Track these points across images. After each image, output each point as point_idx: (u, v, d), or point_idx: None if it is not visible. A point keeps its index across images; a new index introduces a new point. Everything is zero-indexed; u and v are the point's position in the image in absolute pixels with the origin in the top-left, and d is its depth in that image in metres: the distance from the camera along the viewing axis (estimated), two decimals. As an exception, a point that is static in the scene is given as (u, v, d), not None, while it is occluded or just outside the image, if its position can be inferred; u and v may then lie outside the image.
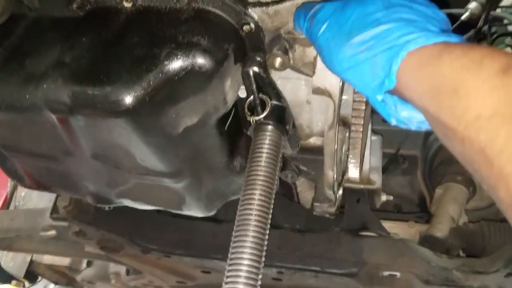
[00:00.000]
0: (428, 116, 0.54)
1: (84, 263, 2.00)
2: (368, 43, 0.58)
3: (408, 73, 0.54)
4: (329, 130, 0.79)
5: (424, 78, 0.52)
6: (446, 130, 0.50)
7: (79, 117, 0.72)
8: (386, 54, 0.56)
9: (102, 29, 0.75)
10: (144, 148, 0.75)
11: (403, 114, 0.59)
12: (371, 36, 0.58)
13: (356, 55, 0.58)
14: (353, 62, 0.59)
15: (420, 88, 0.53)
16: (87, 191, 0.97)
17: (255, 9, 0.73)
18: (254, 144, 0.79)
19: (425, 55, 0.53)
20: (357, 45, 0.58)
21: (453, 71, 0.49)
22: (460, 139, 0.48)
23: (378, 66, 0.57)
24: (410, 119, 0.59)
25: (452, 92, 0.48)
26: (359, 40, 0.58)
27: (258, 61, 0.76)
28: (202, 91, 0.73)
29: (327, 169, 0.85)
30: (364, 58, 0.58)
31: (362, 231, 1.30)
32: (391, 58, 0.55)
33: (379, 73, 0.57)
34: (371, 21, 0.58)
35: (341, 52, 0.60)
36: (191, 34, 0.70)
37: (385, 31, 0.57)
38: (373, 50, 0.57)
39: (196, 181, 0.88)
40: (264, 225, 0.72)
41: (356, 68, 0.59)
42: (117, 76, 0.68)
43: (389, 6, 0.59)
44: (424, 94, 0.52)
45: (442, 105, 0.50)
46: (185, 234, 1.34)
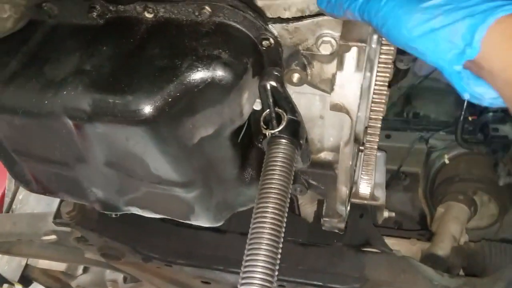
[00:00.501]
0: (509, 90, 0.50)
1: (80, 269, 1.98)
2: (444, 7, 0.53)
3: (493, 43, 0.50)
4: (345, 146, 0.79)
5: (509, 49, 0.49)
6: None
7: (98, 124, 0.72)
8: (469, 20, 0.51)
9: (122, 38, 0.76)
10: (159, 157, 0.76)
11: (476, 89, 0.55)
12: (447, 0, 0.53)
13: (431, 20, 0.53)
14: (427, 28, 0.54)
15: (504, 59, 0.49)
16: (96, 198, 0.97)
17: (275, 25, 0.74)
18: (268, 157, 0.79)
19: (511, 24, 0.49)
20: (431, 9, 0.53)
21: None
22: None
23: (458, 34, 0.52)
24: (483, 95, 0.55)
25: None
26: (434, 3, 0.53)
27: (275, 75, 0.77)
28: (220, 103, 0.73)
29: (340, 184, 0.86)
30: (440, 24, 0.53)
31: (365, 247, 1.30)
32: (474, 25, 0.50)
33: (458, 42, 0.52)
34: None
35: (412, 18, 0.55)
36: (212, 47, 0.71)
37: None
38: (452, 15, 0.52)
39: (207, 191, 0.88)
40: (278, 239, 0.73)
41: (430, 35, 0.54)
42: (138, 85, 0.69)
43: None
44: (508, 65, 0.49)
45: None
46: (187, 244, 1.34)
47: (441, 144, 1.66)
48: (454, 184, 1.56)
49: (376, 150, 0.74)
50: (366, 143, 0.73)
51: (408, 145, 1.70)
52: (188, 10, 0.74)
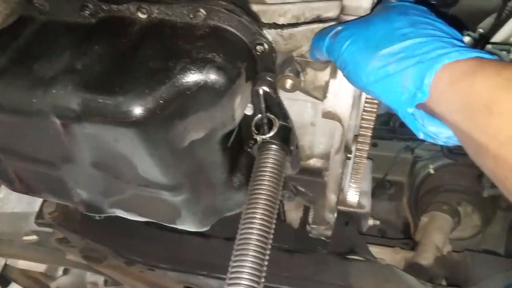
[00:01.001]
0: (458, 132, 0.53)
1: (60, 270, 1.95)
2: (398, 55, 0.57)
3: (440, 88, 0.53)
4: (336, 154, 0.79)
5: (456, 94, 0.51)
6: (478, 147, 0.50)
7: (86, 124, 0.70)
8: (418, 66, 0.55)
9: (115, 38, 0.75)
10: (148, 160, 0.75)
11: (430, 128, 0.58)
12: (401, 49, 0.57)
13: (385, 66, 0.57)
14: (382, 74, 0.58)
15: (451, 104, 0.52)
16: (80, 199, 0.95)
17: (270, 31, 0.74)
18: (258, 163, 0.79)
19: (458, 70, 0.52)
20: (386, 57, 0.57)
21: (487, 89, 0.49)
22: (493, 157, 0.48)
23: (409, 79, 0.55)
24: (438, 134, 0.58)
25: (485, 110, 0.48)
26: (388, 52, 0.57)
27: (268, 81, 0.76)
28: (213, 107, 0.73)
29: (329, 192, 0.86)
30: (393, 70, 0.57)
31: (350, 255, 1.31)
32: (423, 71, 0.54)
33: (409, 86, 0.56)
34: (399, 36, 0.58)
35: (368, 64, 0.59)
36: (206, 50, 0.71)
37: (416, 44, 0.56)
38: (404, 62, 0.56)
39: (195, 195, 0.87)
40: (265, 245, 0.72)
41: (384, 80, 0.58)
42: (129, 86, 0.68)
43: (414, 23, 0.59)
44: (456, 110, 0.52)
45: (475, 122, 0.50)
46: (171, 248, 1.32)
47: (427, 154, 1.68)
48: (439, 194, 1.57)
49: (365, 159, 0.74)
50: (356, 152, 0.73)
51: (394, 154, 1.71)
52: (182, 12, 0.74)
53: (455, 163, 1.60)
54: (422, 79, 0.54)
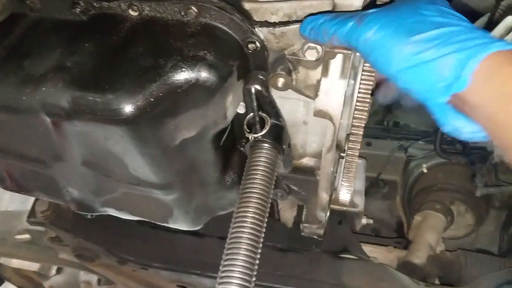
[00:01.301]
0: (493, 124, 0.52)
1: (53, 269, 1.94)
2: (435, 41, 0.54)
3: (479, 78, 0.52)
4: (327, 153, 0.79)
5: (495, 85, 0.50)
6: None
7: (76, 122, 0.70)
8: (461, 54, 0.53)
9: (106, 36, 0.74)
10: (139, 158, 0.74)
11: (457, 123, 0.57)
12: (437, 35, 0.54)
13: (420, 53, 0.54)
14: (416, 61, 0.55)
15: (490, 94, 0.51)
16: (71, 198, 0.95)
17: (262, 29, 0.74)
18: (250, 161, 0.79)
19: (498, 60, 0.51)
20: (421, 43, 0.55)
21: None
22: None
23: (447, 66, 0.53)
24: (462, 129, 0.57)
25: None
26: (424, 38, 0.55)
27: (260, 79, 0.76)
28: (204, 105, 0.72)
29: (321, 190, 0.85)
30: (430, 57, 0.54)
31: (343, 253, 1.31)
32: (465, 59, 0.52)
33: (447, 74, 0.53)
34: (432, 23, 0.56)
35: (401, 49, 0.56)
36: (197, 48, 0.70)
37: (452, 32, 0.54)
38: (442, 49, 0.53)
39: (187, 194, 0.87)
40: (256, 244, 0.72)
41: (418, 67, 0.55)
42: (120, 84, 0.67)
43: (444, 14, 0.57)
44: (493, 101, 0.51)
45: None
46: (164, 247, 1.32)
47: (420, 153, 1.68)
48: (432, 193, 1.57)
49: (357, 158, 0.74)
50: (348, 150, 0.73)
51: (388, 153, 1.71)
52: (174, 9, 0.73)
53: (448, 162, 1.60)
54: (462, 68, 0.52)
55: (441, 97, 0.55)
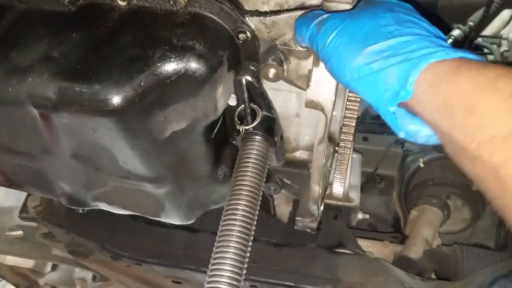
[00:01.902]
0: (438, 132, 0.54)
1: (48, 266, 1.93)
2: (383, 53, 0.56)
3: (422, 87, 0.53)
4: (319, 144, 0.78)
5: (438, 94, 0.52)
6: (457, 147, 0.50)
7: (63, 114, 0.69)
8: (404, 65, 0.55)
9: (93, 26, 0.73)
10: (128, 151, 0.73)
11: (411, 127, 0.58)
12: (387, 47, 0.56)
13: (370, 64, 0.57)
14: (366, 71, 0.57)
15: (433, 103, 0.52)
16: (62, 192, 0.94)
17: (253, 18, 0.72)
18: (241, 154, 0.78)
19: (441, 70, 0.52)
20: (371, 54, 0.57)
21: (468, 89, 0.49)
22: (472, 158, 0.48)
23: (393, 77, 0.55)
24: (418, 133, 0.58)
25: (466, 110, 0.48)
26: (374, 50, 0.57)
27: (251, 70, 0.75)
28: (193, 97, 0.71)
29: (313, 183, 0.84)
30: (378, 68, 0.56)
31: (338, 248, 1.30)
32: (408, 69, 0.54)
33: (393, 84, 0.55)
34: (385, 33, 0.58)
35: (353, 61, 0.58)
36: (186, 38, 0.69)
37: (401, 42, 0.56)
38: (389, 60, 0.56)
39: (178, 188, 0.86)
40: (247, 237, 0.71)
41: (368, 77, 0.57)
42: (107, 74, 0.66)
43: (400, 21, 0.59)
44: (436, 110, 0.52)
45: (454, 122, 0.50)
46: (158, 242, 1.31)
47: (417, 148, 1.67)
48: (428, 188, 1.56)
49: (350, 150, 0.73)
50: (341, 142, 0.72)
51: (384, 148, 1.70)
52: (162, -1, 0.72)
53: (445, 157, 1.59)
54: (406, 78, 0.54)
55: (390, 105, 0.57)
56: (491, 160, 0.46)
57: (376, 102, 0.58)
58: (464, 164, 0.51)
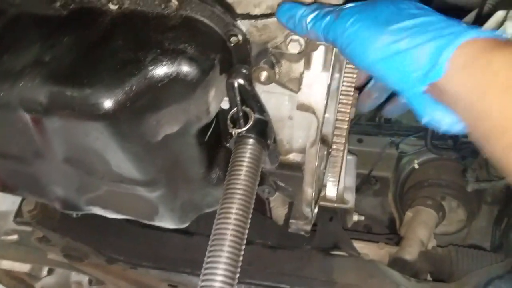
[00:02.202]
0: (471, 114, 0.50)
1: (44, 270, 1.92)
2: (410, 31, 0.53)
3: (456, 65, 0.50)
4: (311, 147, 0.78)
5: (473, 72, 0.49)
6: (492, 131, 0.47)
7: (55, 118, 0.69)
8: (437, 42, 0.51)
9: (85, 30, 0.73)
10: (120, 155, 0.73)
11: (436, 114, 0.55)
12: (414, 24, 0.53)
13: (397, 42, 0.54)
14: (392, 50, 0.54)
15: (467, 82, 0.49)
16: (55, 196, 0.93)
17: (244, 22, 0.72)
18: (234, 157, 0.78)
19: (476, 48, 0.50)
20: (398, 32, 0.54)
21: (506, 69, 0.46)
22: (508, 143, 0.45)
23: (424, 55, 0.52)
24: (442, 120, 0.56)
25: (504, 90, 0.45)
26: (401, 27, 0.54)
27: (243, 73, 0.75)
28: (186, 100, 0.71)
29: (306, 186, 0.84)
30: (406, 46, 0.53)
31: (334, 250, 1.30)
32: (441, 47, 0.51)
33: (424, 62, 0.52)
34: (409, 14, 0.55)
35: (377, 40, 0.55)
36: (178, 41, 0.69)
37: (429, 21, 0.53)
38: (418, 38, 0.52)
39: (172, 191, 0.86)
40: (240, 240, 0.71)
41: (394, 57, 0.54)
42: (98, 78, 0.66)
43: (420, 7, 0.57)
44: (471, 89, 0.49)
45: (491, 103, 0.47)
46: (153, 246, 1.31)
47: (412, 149, 1.67)
48: (423, 189, 1.57)
49: (343, 152, 0.73)
50: (333, 145, 0.72)
51: (379, 150, 1.71)
52: (154, 2, 0.72)
53: (440, 158, 1.60)
54: (438, 55, 0.51)
55: (418, 86, 0.54)
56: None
57: (402, 83, 0.55)
58: (495, 152, 0.47)
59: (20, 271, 1.87)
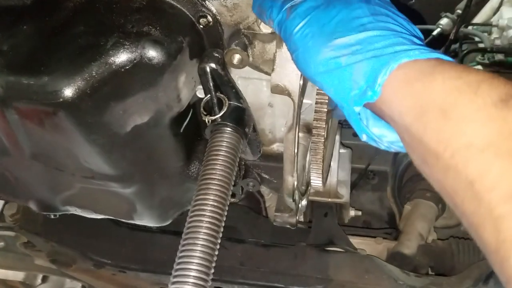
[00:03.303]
0: (407, 135, 0.49)
1: (39, 278, 1.89)
2: (352, 47, 0.52)
3: (392, 86, 0.48)
4: (289, 132, 0.74)
5: (410, 94, 0.47)
6: (427, 154, 0.45)
7: (13, 109, 0.65)
8: (373, 62, 0.50)
9: (46, 17, 0.69)
10: (86, 147, 0.69)
11: (374, 130, 0.53)
12: (357, 41, 0.52)
13: (337, 58, 0.52)
14: (332, 65, 0.53)
15: (404, 104, 0.47)
16: (31, 197, 0.90)
17: (213, 2, 0.68)
18: (209, 146, 0.73)
19: (415, 69, 0.48)
20: (339, 48, 0.52)
21: (444, 92, 0.44)
22: (444, 167, 0.43)
23: (360, 74, 0.51)
24: (381, 137, 0.54)
25: (441, 114, 0.43)
26: (343, 43, 0.52)
27: (216, 57, 0.71)
28: (153, 86, 0.67)
29: (286, 174, 0.80)
30: (346, 62, 0.52)
31: (329, 246, 1.25)
32: (378, 68, 0.49)
33: (360, 82, 0.51)
34: (357, 26, 0.53)
35: (320, 53, 0.54)
36: (141, 24, 0.65)
37: (373, 37, 0.51)
38: (358, 55, 0.51)
39: (148, 187, 0.81)
40: (215, 237, 0.66)
41: (334, 72, 0.53)
42: (56, 65, 0.62)
43: (375, 14, 0.54)
44: (407, 111, 0.47)
45: (427, 126, 0.45)
46: (142, 248, 1.26)
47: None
48: (421, 181, 1.51)
49: (322, 137, 0.68)
50: (313, 130, 0.68)
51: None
52: (118, -16, 0.68)
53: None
54: (375, 77, 0.50)
55: (355, 105, 0.52)
56: (466, 172, 0.41)
57: (341, 100, 0.54)
58: (434, 174, 0.46)
59: (15, 280, 1.84)
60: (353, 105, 0.52)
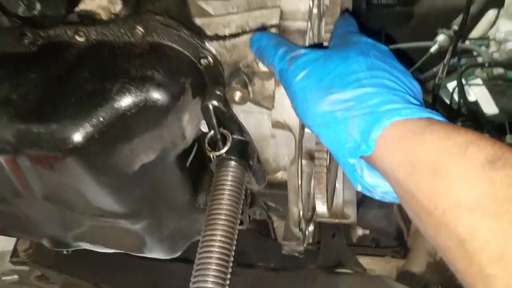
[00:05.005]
0: (400, 190, 0.50)
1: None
2: (348, 103, 0.54)
3: (386, 143, 0.51)
4: (291, 165, 0.76)
5: (402, 152, 0.49)
6: (420, 210, 0.46)
7: (26, 157, 0.67)
8: (367, 118, 0.52)
9: (52, 64, 0.72)
10: (96, 188, 0.71)
11: (368, 180, 0.55)
12: (352, 97, 0.54)
13: (333, 112, 0.55)
14: (329, 118, 0.55)
15: (396, 161, 0.49)
16: (43, 234, 0.92)
17: (213, 43, 0.71)
18: (215, 181, 0.75)
19: (406, 128, 0.50)
20: (335, 102, 0.55)
21: (435, 151, 0.46)
22: (436, 225, 0.44)
23: (355, 129, 0.53)
24: (375, 187, 0.55)
25: (431, 173, 0.45)
26: (339, 98, 0.55)
27: (217, 95, 0.73)
28: (158, 127, 0.69)
29: (291, 205, 0.81)
30: (341, 117, 0.54)
31: (338, 268, 1.26)
32: (371, 124, 0.52)
33: (355, 136, 0.53)
34: (353, 81, 0.55)
35: (317, 105, 0.56)
36: (145, 68, 0.67)
37: (367, 94, 0.54)
38: (353, 111, 0.53)
39: (156, 221, 0.83)
40: (226, 268, 0.68)
41: (331, 125, 0.55)
42: (64, 112, 0.64)
43: (372, 68, 0.56)
44: (399, 167, 0.49)
45: (418, 183, 0.46)
46: (153, 277, 1.28)
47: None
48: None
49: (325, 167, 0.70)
50: (315, 160, 0.69)
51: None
52: (120, 31, 0.71)
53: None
54: (369, 132, 0.52)
55: (350, 157, 0.55)
56: (457, 231, 0.42)
57: (336, 151, 0.56)
58: (427, 230, 0.47)
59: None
60: (348, 157, 0.55)
